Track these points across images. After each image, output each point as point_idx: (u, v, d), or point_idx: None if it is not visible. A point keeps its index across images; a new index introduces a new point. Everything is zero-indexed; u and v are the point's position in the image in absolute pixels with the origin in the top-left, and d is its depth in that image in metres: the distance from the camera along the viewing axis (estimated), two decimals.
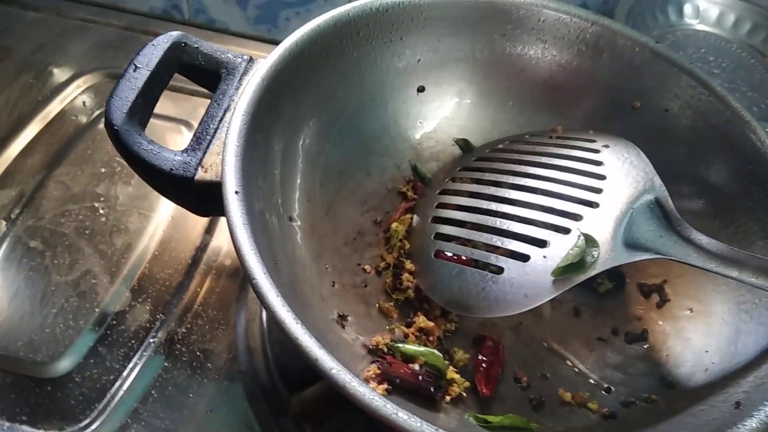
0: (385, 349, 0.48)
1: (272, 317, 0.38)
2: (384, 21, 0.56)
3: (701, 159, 0.55)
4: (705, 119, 0.55)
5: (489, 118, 0.62)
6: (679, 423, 0.44)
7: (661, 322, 0.54)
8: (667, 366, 0.51)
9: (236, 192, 0.42)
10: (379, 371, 0.45)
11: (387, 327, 0.52)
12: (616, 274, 0.56)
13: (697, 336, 0.51)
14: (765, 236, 0.50)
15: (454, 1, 0.57)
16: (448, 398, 0.47)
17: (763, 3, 0.79)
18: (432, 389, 0.46)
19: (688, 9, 0.80)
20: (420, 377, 0.46)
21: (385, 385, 0.44)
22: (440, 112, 0.62)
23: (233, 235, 0.40)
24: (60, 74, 0.77)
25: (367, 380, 0.44)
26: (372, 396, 0.35)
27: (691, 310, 0.53)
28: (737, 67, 0.76)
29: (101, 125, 0.72)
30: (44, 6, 0.87)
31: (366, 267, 0.55)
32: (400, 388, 0.45)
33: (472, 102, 0.62)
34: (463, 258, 0.51)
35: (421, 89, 0.61)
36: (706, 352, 0.49)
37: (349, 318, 0.51)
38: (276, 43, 0.51)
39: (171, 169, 0.45)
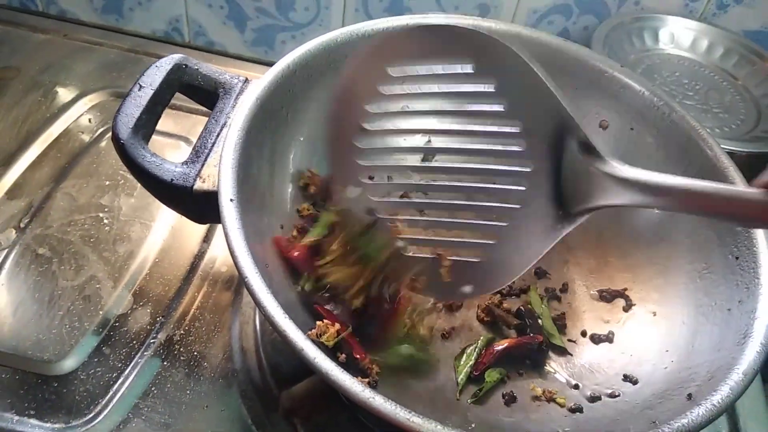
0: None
1: (262, 312, 0.41)
2: None
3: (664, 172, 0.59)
4: (666, 137, 0.59)
5: None
6: (639, 414, 0.48)
7: (626, 325, 0.58)
8: (630, 364, 0.54)
9: (231, 200, 0.46)
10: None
11: None
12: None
13: (659, 337, 0.55)
14: (721, 244, 0.54)
15: (430, 29, 0.61)
16: None
17: (734, 29, 0.84)
18: None
19: (663, 35, 0.83)
20: None
21: (368, 380, 0.48)
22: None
23: (228, 237, 0.44)
24: (66, 93, 0.81)
25: None
26: (352, 382, 0.39)
27: (654, 313, 0.57)
28: (710, 90, 0.79)
29: (106, 141, 0.76)
30: (52, 28, 0.91)
31: None
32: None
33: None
34: None
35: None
36: (667, 351, 0.53)
37: None
38: (272, 65, 0.55)
39: (172, 180, 0.49)
